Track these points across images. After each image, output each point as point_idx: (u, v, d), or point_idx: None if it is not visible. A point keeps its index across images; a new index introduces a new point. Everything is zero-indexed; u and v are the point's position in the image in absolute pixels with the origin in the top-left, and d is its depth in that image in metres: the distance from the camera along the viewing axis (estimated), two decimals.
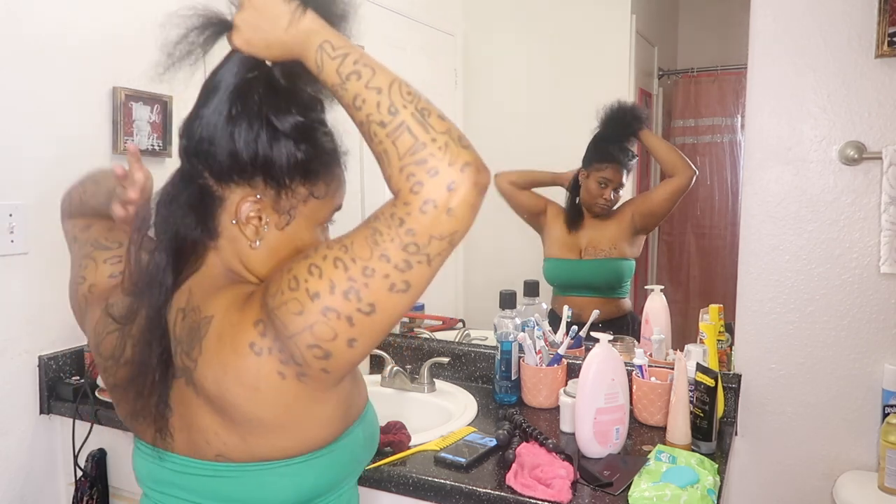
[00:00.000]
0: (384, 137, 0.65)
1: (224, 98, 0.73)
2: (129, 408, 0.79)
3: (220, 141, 0.73)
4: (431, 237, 0.63)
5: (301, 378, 0.69)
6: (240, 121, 0.73)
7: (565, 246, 1.80)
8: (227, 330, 0.70)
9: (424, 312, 1.93)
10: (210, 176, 0.75)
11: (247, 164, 0.74)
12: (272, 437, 0.72)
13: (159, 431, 0.76)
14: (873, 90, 1.32)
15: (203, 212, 0.76)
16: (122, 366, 0.77)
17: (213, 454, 0.74)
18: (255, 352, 0.68)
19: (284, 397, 0.70)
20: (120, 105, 1.65)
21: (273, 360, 0.68)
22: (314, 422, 0.74)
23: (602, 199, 1.75)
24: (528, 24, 1.92)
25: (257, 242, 0.77)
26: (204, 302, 0.74)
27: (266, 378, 0.69)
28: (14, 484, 1.53)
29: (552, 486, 1.08)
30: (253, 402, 0.70)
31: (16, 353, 1.52)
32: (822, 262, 1.39)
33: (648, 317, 1.60)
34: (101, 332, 0.81)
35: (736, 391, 1.44)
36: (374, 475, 1.18)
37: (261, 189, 0.76)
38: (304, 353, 0.67)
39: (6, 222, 1.46)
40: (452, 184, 0.63)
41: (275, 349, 0.68)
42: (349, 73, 0.67)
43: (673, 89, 1.77)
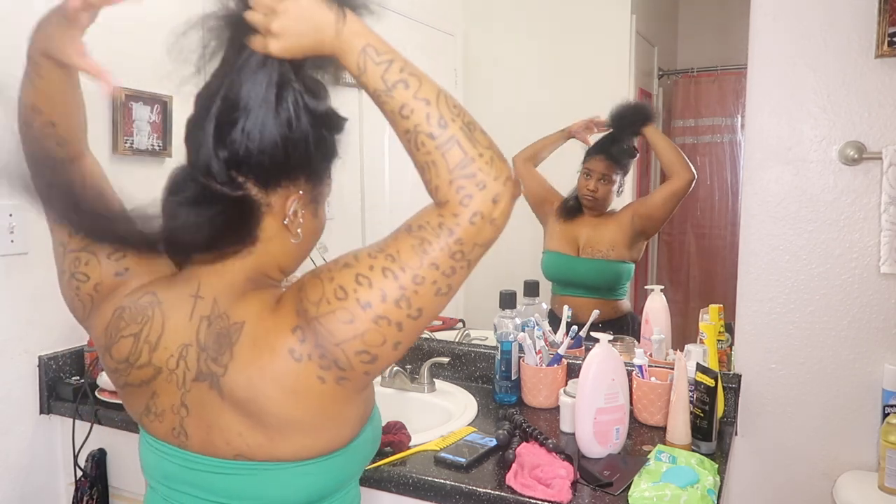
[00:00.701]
0: (433, 149, 0.68)
1: (265, 105, 0.72)
2: (143, 405, 0.79)
3: (271, 149, 0.72)
4: (475, 245, 0.69)
5: (340, 382, 0.71)
6: (286, 125, 0.72)
7: (564, 240, 1.80)
8: (263, 335, 0.71)
9: None
10: (254, 185, 0.75)
11: (297, 167, 0.76)
12: (301, 438, 0.73)
13: (174, 430, 0.77)
14: (873, 90, 1.32)
15: (247, 224, 0.76)
16: (138, 368, 0.78)
17: (233, 454, 0.74)
18: (294, 358, 0.69)
19: (322, 401, 0.71)
20: (120, 105, 1.65)
21: (313, 366, 0.69)
22: (342, 422, 0.76)
23: (587, 189, 1.75)
24: (528, 25, 1.92)
25: (300, 236, 0.80)
26: (231, 308, 0.74)
27: (305, 381, 0.70)
28: (14, 484, 1.53)
29: (552, 486, 1.08)
30: (290, 405, 0.71)
31: (16, 353, 1.52)
32: (822, 262, 1.39)
33: (648, 317, 1.60)
34: (114, 336, 0.79)
35: (736, 391, 1.44)
36: (374, 475, 1.18)
37: (302, 185, 0.78)
38: (352, 359, 0.69)
39: (6, 222, 1.46)
40: (497, 196, 0.67)
41: (315, 355, 0.69)
42: (396, 82, 0.68)
43: (673, 89, 1.77)
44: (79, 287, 0.84)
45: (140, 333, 0.77)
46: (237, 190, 0.74)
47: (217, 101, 0.72)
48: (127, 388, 0.80)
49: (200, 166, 0.73)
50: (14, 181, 0.78)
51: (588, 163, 1.75)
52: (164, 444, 0.79)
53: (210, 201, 0.73)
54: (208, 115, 0.72)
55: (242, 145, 0.71)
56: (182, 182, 0.75)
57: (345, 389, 0.72)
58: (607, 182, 1.74)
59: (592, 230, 1.77)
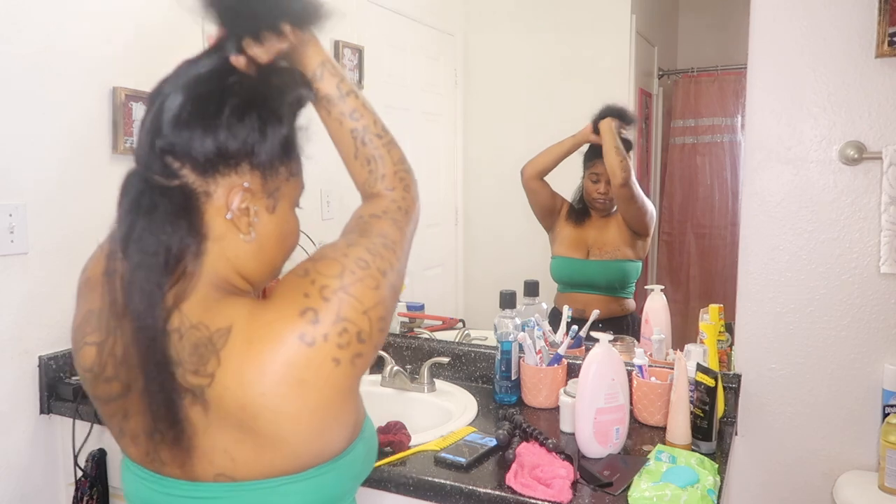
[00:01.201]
0: (381, 145, 0.86)
1: (203, 87, 0.71)
2: (116, 426, 0.75)
3: (204, 131, 0.70)
4: (416, 223, 0.87)
5: (355, 360, 0.70)
6: (223, 106, 0.71)
7: (573, 245, 1.81)
8: (262, 331, 0.67)
9: (424, 312, 1.93)
10: (191, 172, 0.71)
11: (235, 152, 0.71)
12: (291, 447, 0.69)
13: (149, 455, 0.73)
14: (873, 90, 1.32)
15: (190, 214, 0.71)
16: (104, 382, 0.73)
17: (214, 474, 0.70)
18: (306, 342, 0.67)
19: (329, 388, 0.68)
20: (120, 105, 1.65)
21: (328, 347, 0.67)
22: (337, 427, 0.72)
23: (597, 193, 1.76)
24: (528, 25, 1.92)
25: (252, 234, 0.75)
26: (206, 317, 0.69)
27: (317, 368, 0.67)
28: (14, 484, 1.53)
29: (552, 486, 1.08)
30: (291, 399, 0.67)
31: (16, 353, 1.52)
32: (822, 262, 1.39)
33: (648, 317, 1.60)
34: (79, 340, 0.76)
35: (736, 391, 1.44)
36: (375, 475, 1.18)
37: (247, 176, 0.73)
38: (374, 326, 0.71)
39: (6, 222, 1.46)
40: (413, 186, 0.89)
41: (332, 333, 0.68)
42: (348, 91, 0.84)
43: (673, 89, 1.77)
44: (80, 275, 0.82)
45: (104, 344, 0.72)
46: (173, 178, 0.70)
47: (159, 95, 0.72)
48: (97, 401, 0.76)
49: (140, 160, 0.72)
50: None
51: (594, 167, 1.75)
52: (141, 469, 0.75)
53: (160, 188, 0.70)
54: (150, 108, 0.73)
55: (173, 128, 0.70)
56: (127, 184, 0.72)
57: (355, 371, 0.70)
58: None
59: (600, 231, 1.78)
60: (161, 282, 0.69)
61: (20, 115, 1.49)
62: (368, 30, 2.07)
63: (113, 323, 0.71)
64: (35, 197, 1.52)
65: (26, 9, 1.49)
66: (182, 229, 0.70)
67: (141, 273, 0.68)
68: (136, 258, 0.68)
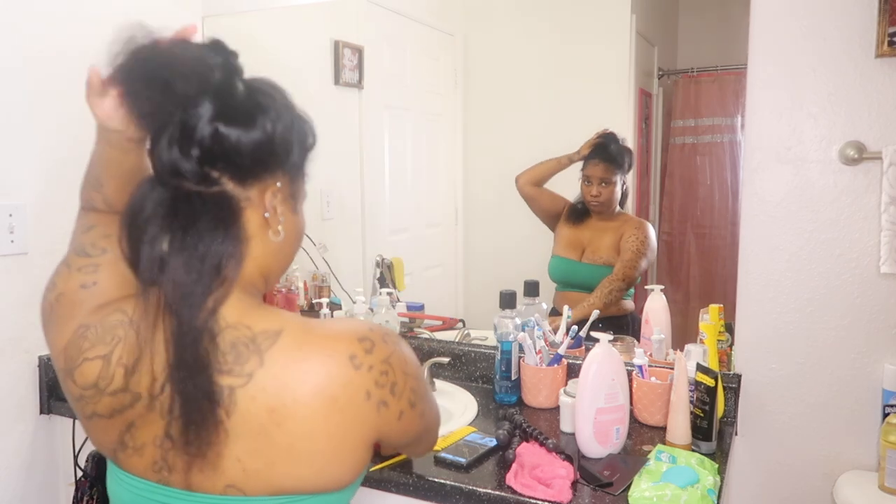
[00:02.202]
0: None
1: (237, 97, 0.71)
2: (115, 439, 0.73)
3: (245, 140, 0.70)
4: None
5: (381, 407, 0.73)
6: (260, 115, 0.71)
7: (569, 245, 1.82)
8: (317, 341, 0.71)
9: (424, 312, 1.93)
10: (231, 180, 0.71)
11: (273, 157, 0.73)
12: (303, 465, 0.69)
13: (156, 465, 0.71)
14: (873, 90, 1.32)
15: (234, 220, 0.72)
16: (110, 395, 0.71)
17: (224, 485, 0.70)
18: (354, 364, 0.70)
19: (353, 417, 0.70)
20: None
21: (368, 378, 0.71)
22: (350, 459, 0.73)
23: (590, 196, 1.77)
24: (528, 25, 1.92)
25: (281, 234, 0.76)
26: (247, 318, 0.71)
27: (351, 391, 0.70)
28: (14, 484, 1.53)
29: (552, 486, 1.08)
30: (320, 414, 0.68)
31: (16, 353, 1.52)
32: (822, 262, 1.39)
33: (648, 317, 1.60)
34: (76, 358, 0.73)
35: (736, 391, 1.44)
36: (375, 475, 1.18)
37: (279, 177, 0.75)
38: (405, 391, 0.75)
39: (6, 222, 1.46)
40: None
41: (376, 369, 0.72)
42: None
43: (673, 89, 1.77)
44: (45, 296, 0.79)
45: (110, 356, 0.71)
46: (213, 186, 0.70)
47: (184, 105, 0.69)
48: (94, 418, 0.73)
49: (167, 169, 0.69)
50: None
51: (586, 169, 1.76)
52: (141, 481, 0.73)
53: (198, 199, 0.69)
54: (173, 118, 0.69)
55: (215, 139, 0.68)
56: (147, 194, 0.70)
57: (377, 419, 0.73)
58: (609, 184, 1.75)
59: (597, 234, 1.78)
60: (208, 285, 0.69)
61: (20, 115, 1.49)
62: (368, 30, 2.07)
63: (134, 331, 0.71)
64: (35, 197, 1.52)
65: (26, 9, 1.49)
66: (229, 237, 0.70)
67: (188, 278, 0.68)
68: (184, 265, 0.68)
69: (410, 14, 2.07)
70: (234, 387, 0.68)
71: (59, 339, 0.76)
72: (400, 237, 2.14)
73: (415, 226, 2.16)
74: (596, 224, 1.79)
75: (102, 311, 0.75)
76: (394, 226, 2.14)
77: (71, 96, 1.59)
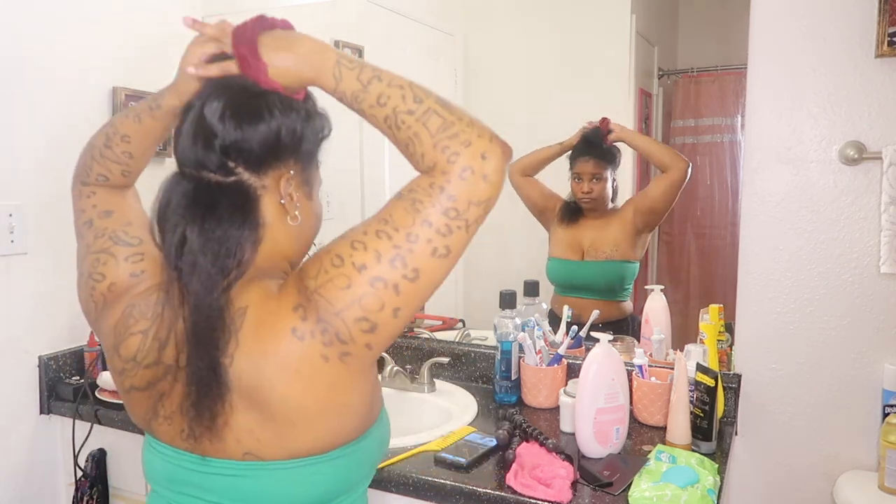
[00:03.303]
0: (413, 122, 0.71)
1: (248, 90, 0.76)
2: (150, 409, 0.78)
3: (257, 131, 0.75)
4: (470, 202, 0.69)
5: (344, 358, 0.71)
6: (271, 107, 0.76)
7: (568, 246, 1.80)
8: (266, 318, 0.71)
9: (424, 312, 1.93)
10: (245, 170, 0.76)
11: (286, 147, 0.77)
12: (307, 429, 0.73)
13: (183, 433, 0.76)
14: (873, 90, 1.32)
15: (251, 206, 0.76)
16: (145, 368, 0.77)
17: (242, 452, 0.74)
18: (297, 336, 0.70)
19: (325, 381, 0.71)
20: (120, 105, 1.65)
21: (316, 344, 0.70)
22: (348, 411, 0.76)
23: (581, 193, 1.75)
24: (528, 25, 1.92)
25: (298, 218, 0.81)
26: (236, 295, 0.74)
27: (308, 362, 0.70)
28: (14, 484, 1.53)
29: (552, 486, 1.08)
30: (294, 390, 0.71)
31: (16, 353, 1.52)
32: (822, 262, 1.39)
33: (648, 317, 1.60)
34: (123, 333, 0.79)
35: (736, 391, 1.44)
36: (375, 475, 1.17)
37: (292, 165, 0.80)
38: (351, 328, 0.69)
39: (6, 222, 1.46)
40: (485, 153, 0.69)
41: (317, 331, 0.70)
42: (370, 78, 0.74)
43: (673, 89, 1.77)
44: (94, 287, 0.84)
45: (149, 331, 0.77)
46: (230, 175, 0.76)
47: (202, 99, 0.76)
48: (132, 391, 0.79)
49: (189, 161, 0.76)
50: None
51: (576, 167, 1.75)
52: (171, 448, 0.79)
53: (217, 187, 0.75)
54: (187, 116, 0.77)
55: (228, 130, 0.74)
56: (174, 185, 0.76)
57: (349, 368, 0.72)
58: (599, 180, 1.74)
59: (595, 232, 1.77)
60: (225, 267, 0.72)
61: (20, 115, 1.49)
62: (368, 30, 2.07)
63: (166, 309, 0.75)
64: (35, 197, 1.52)
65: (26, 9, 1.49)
66: (246, 221, 0.75)
67: (206, 260, 0.72)
68: (200, 248, 0.72)
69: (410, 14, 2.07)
70: (226, 365, 0.72)
71: (110, 320, 0.81)
72: None
73: None
74: (591, 222, 1.77)
75: (147, 292, 0.80)
76: None
77: (72, 96, 1.59)
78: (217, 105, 0.75)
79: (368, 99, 0.73)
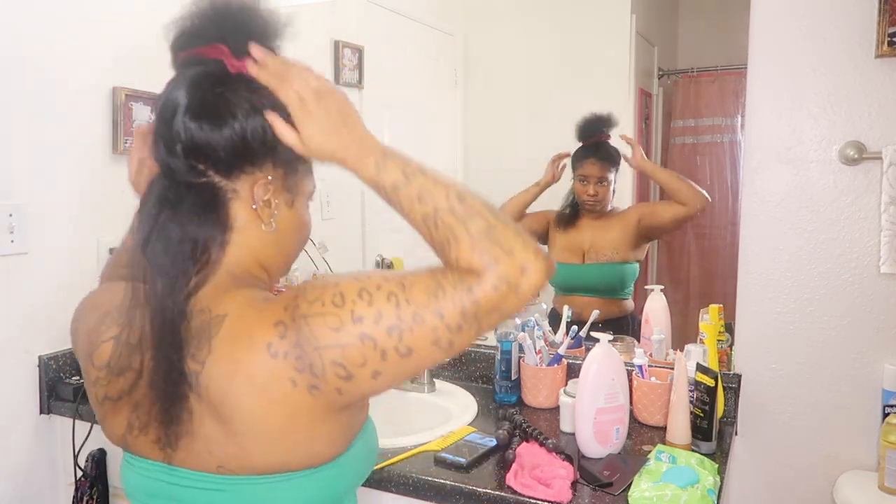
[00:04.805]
0: (454, 223, 0.68)
1: (217, 91, 0.73)
2: (124, 422, 0.76)
3: (221, 135, 0.73)
4: (493, 311, 0.67)
5: (312, 391, 0.68)
6: (241, 109, 0.73)
7: (568, 250, 1.80)
8: (243, 328, 0.69)
9: None
10: (216, 173, 0.74)
11: (257, 151, 0.75)
12: (272, 449, 0.70)
13: (159, 442, 0.73)
14: (873, 90, 1.32)
15: (217, 207, 0.75)
16: (117, 376, 0.74)
17: (216, 465, 0.71)
18: (270, 353, 0.67)
19: (291, 406, 0.68)
20: (120, 105, 1.65)
21: (287, 366, 0.67)
22: (317, 439, 0.72)
23: (587, 195, 1.76)
24: (528, 24, 1.92)
25: (273, 225, 0.78)
26: (213, 302, 0.72)
27: (277, 381, 0.67)
28: (14, 484, 1.53)
29: (552, 486, 1.08)
30: (259, 405, 0.67)
31: (16, 353, 1.52)
32: (822, 262, 1.39)
33: (648, 317, 1.60)
34: (96, 341, 0.77)
35: (736, 391, 1.44)
36: (375, 475, 1.18)
37: (270, 172, 0.77)
38: (326, 368, 0.66)
39: (6, 222, 1.46)
40: (526, 267, 0.66)
41: (291, 355, 0.67)
42: (414, 171, 0.72)
43: (673, 89, 1.77)
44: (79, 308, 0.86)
45: (120, 336, 0.74)
46: (201, 177, 0.74)
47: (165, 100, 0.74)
48: (106, 403, 0.77)
49: (162, 163, 0.75)
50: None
51: (581, 169, 1.76)
52: (147, 462, 0.76)
53: (185, 185, 0.74)
54: (158, 114, 0.75)
55: (194, 131, 0.72)
56: (151, 186, 0.77)
57: (315, 402, 0.68)
58: (605, 183, 1.75)
59: (595, 233, 1.77)
60: (186, 268, 0.72)
61: (20, 115, 1.48)
62: (368, 30, 2.07)
63: (132, 312, 0.74)
64: (35, 197, 1.52)
65: (26, 9, 1.49)
66: (208, 221, 0.74)
67: (166, 259, 0.71)
68: (162, 246, 0.72)
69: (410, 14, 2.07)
70: (197, 372, 0.69)
71: (84, 326, 0.81)
72: (400, 237, 2.14)
73: None
74: (591, 223, 1.78)
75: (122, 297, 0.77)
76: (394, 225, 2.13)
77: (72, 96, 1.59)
78: (180, 102, 0.72)
79: (409, 193, 0.71)
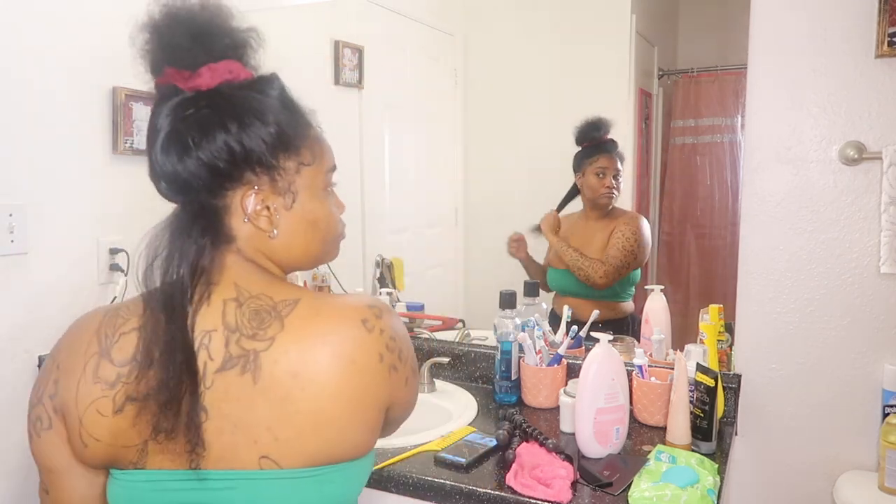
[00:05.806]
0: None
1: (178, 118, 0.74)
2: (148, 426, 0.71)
3: (185, 167, 0.73)
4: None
5: (391, 371, 0.75)
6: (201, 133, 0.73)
7: None
8: (330, 308, 0.74)
9: (424, 312, 1.93)
10: (199, 194, 0.75)
11: (228, 170, 0.74)
12: (327, 429, 0.70)
13: (189, 444, 0.70)
14: (873, 90, 1.32)
15: (208, 220, 0.76)
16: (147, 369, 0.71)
17: (259, 455, 0.69)
18: (367, 327, 0.73)
19: (369, 378, 0.72)
20: (120, 105, 1.65)
21: (380, 342, 0.73)
22: (368, 423, 0.74)
23: (604, 188, 1.75)
24: (528, 24, 1.92)
25: (275, 231, 0.78)
26: (269, 290, 0.75)
27: (367, 353, 0.72)
28: (14, 485, 1.53)
29: (552, 486, 1.08)
30: (343, 373, 0.70)
31: (16, 353, 1.52)
32: (822, 262, 1.39)
33: (648, 317, 1.60)
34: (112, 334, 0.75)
35: (736, 391, 1.44)
36: (375, 475, 1.18)
37: (255, 180, 0.76)
38: (408, 358, 0.78)
39: (6, 222, 1.46)
40: None
41: (385, 334, 0.74)
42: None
43: (673, 89, 1.77)
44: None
45: (146, 326, 0.72)
46: (189, 199, 0.76)
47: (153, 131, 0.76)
48: (130, 404, 0.71)
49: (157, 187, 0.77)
50: None
51: (599, 162, 1.75)
52: (168, 473, 0.71)
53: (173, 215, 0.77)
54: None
55: (166, 167, 0.74)
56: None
57: (387, 383, 0.74)
58: (618, 176, 1.75)
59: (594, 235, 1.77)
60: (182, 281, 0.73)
61: (20, 114, 1.49)
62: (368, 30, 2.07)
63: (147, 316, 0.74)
64: (35, 197, 1.52)
65: (26, 9, 1.49)
66: (196, 233, 0.75)
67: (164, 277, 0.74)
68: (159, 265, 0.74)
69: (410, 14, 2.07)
70: (259, 350, 0.70)
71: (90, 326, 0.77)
72: (400, 237, 2.14)
73: (415, 226, 2.15)
74: (592, 224, 1.78)
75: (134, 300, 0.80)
76: (394, 226, 2.14)
77: (72, 96, 1.59)
78: (162, 132, 0.74)
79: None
